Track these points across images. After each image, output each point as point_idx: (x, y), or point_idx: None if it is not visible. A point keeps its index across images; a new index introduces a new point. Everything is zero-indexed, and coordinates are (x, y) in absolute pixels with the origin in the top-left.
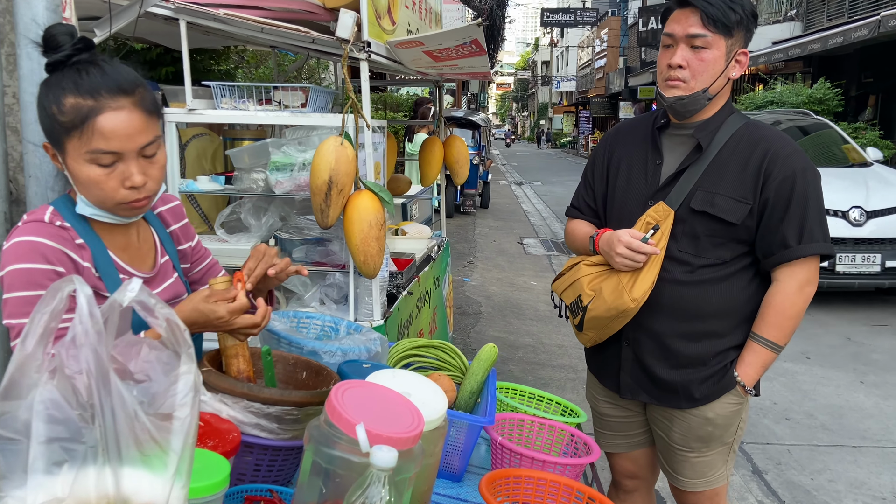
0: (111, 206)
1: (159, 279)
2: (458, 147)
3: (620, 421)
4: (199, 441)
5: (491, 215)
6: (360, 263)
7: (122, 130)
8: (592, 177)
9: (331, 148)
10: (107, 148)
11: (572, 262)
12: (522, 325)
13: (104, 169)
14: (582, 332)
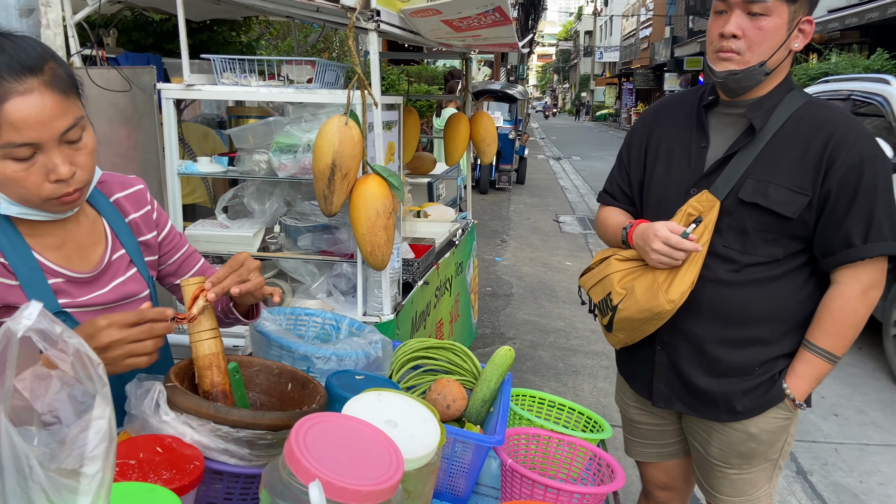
0: (38, 203)
1: (107, 278)
2: (486, 124)
3: (653, 429)
4: (153, 472)
5: (527, 191)
6: (366, 254)
7: (35, 117)
8: (628, 160)
9: (334, 129)
10: (20, 140)
11: (602, 255)
12: (555, 308)
13: (22, 163)
14: (611, 333)
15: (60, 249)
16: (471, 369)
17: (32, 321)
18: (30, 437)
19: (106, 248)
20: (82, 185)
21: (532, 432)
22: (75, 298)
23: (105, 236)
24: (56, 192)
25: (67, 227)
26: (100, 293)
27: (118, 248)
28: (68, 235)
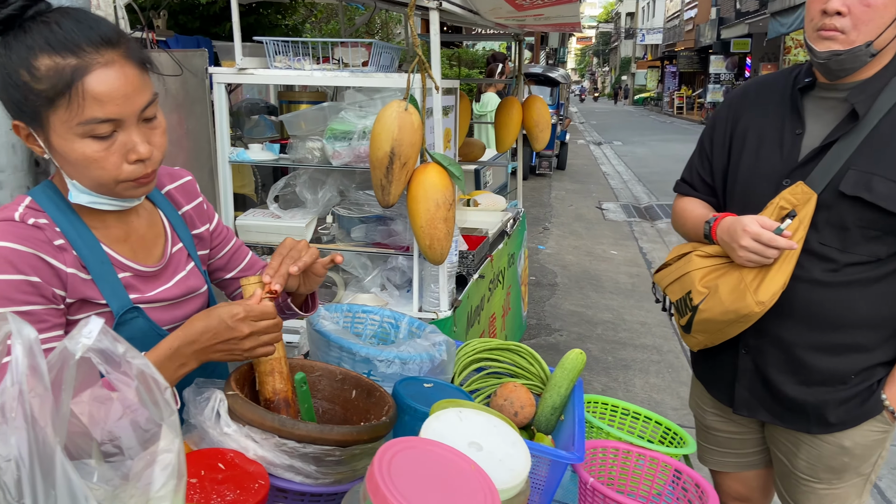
0: (113, 187)
1: (170, 272)
2: (539, 109)
3: (731, 437)
4: (216, 492)
5: (568, 177)
6: (425, 248)
7: (119, 90)
8: (710, 146)
9: (393, 114)
10: (103, 115)
11: (681, 250)
12: (601, 299)
13: (102, 142)
14: (689, 335)
15: (126, 242)
16: (538, 373)
17: (93, 340)
18: (89, 473)
19: (166, 241)
20: (157, 166)
21: (609, 445)
22: (143, 294)
23: (164, 229)
24: (135, 174)
25: (130, 219)
26: (165, 287)
27: (177, 242)
28: (131, 228)
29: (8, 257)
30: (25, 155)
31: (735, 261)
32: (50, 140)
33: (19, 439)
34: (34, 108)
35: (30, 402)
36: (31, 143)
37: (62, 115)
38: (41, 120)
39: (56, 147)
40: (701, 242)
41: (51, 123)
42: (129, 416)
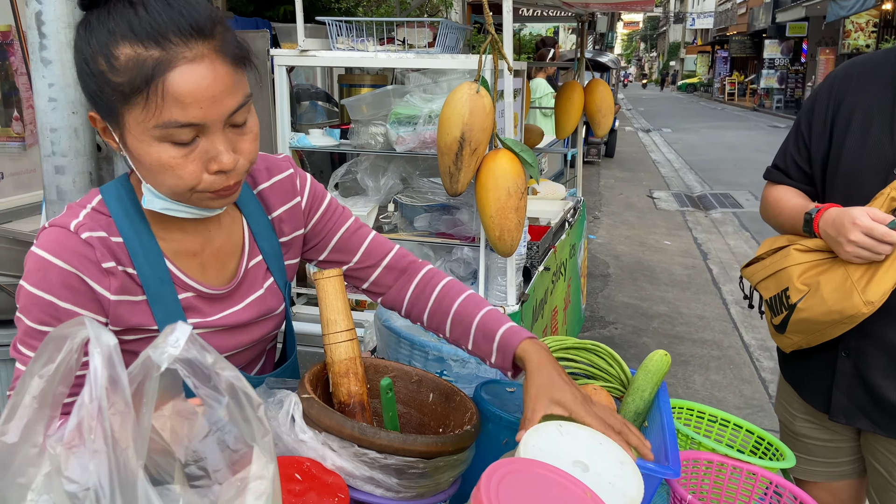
0: (189, 196)
1: (242, 292)
2: (602, 93)
3: (823, 445)
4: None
5: (617, 165)
6: (494, 239)
7: (205, 91)
8: (808, 131)
9: (464, 97)
10: (185, 119)
11: (774, 243)
12: (656, 291)
13: (181, 148)
14: (783, 336)
15: (196, 257)
16: (618, 375)
17: (180, 349)
18: (173, 501)
19: (242, 254)
20: (242, 176)
21: (702, 457)
22: (206, 317)
23: (242, 239)
24: (214, 185)
25: (208, 227)
26: (233, 311)
27: (255, 254)
28: (207, 239)
29: (46, 270)
30: (87, 139)
31: (840, 256)
32: (124, 139)
33: (99, 465)
34: (109, 102)
35: (110, 420)
36: (108, 138)
37: (138, 114)
38: (116, 116)
39: (130, 147)
40: (797, 235)
41: (126, 122)
42: (215, 434)
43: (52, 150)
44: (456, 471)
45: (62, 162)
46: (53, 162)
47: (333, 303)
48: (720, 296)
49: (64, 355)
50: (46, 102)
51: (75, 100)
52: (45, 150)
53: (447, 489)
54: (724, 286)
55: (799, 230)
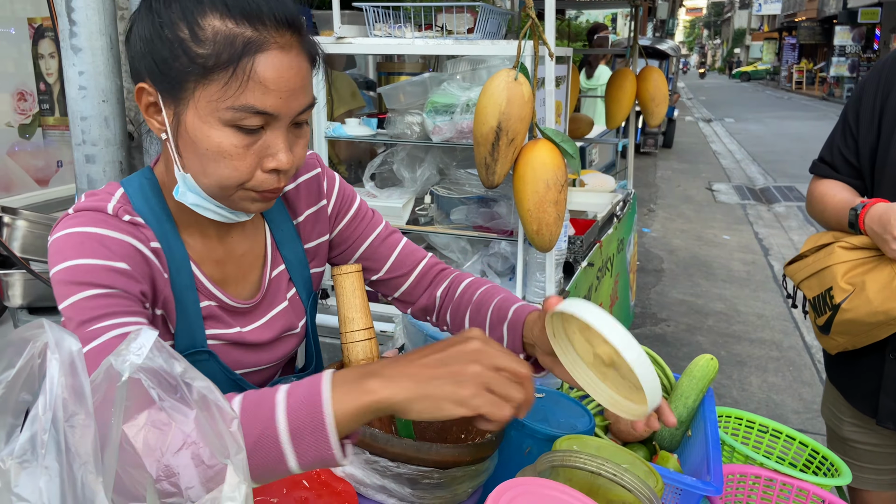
0: (232, 193)
1: (264, 306)
2: (656, 81)
3: (872, 451)
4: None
5: (675, 156)
6: (531, 233)
7: (287, 83)
8: (856, 122)
9: (501, 84)
10: (262, 106)
11: (819, 240)
12: (712, 287)
13: (245, 138)
14: (828, 337)
15: (219, 265)
16: (661, 380)
17: (143, 358)
18: None
19: (265, 264)
20: (289, 181)
21: (749, 472)
22: (226, 329)
23: (265, 247)
24: (264, 184)
25: (231, 233)
26: (255, 327)
27: (278, 263)
28: (229, 247)
29: (100, 240)
30: (118, 128)
31: (887, 254)
32: (182, 117)
33: (50, 482)
34: (181, 73)
35: (65, 433)
36: (150, 116)
37: (213, 91)
38: (182, 90)
39: (188, 127)
40: (843, 232)
41: (194, 97)
42: (190, 448)
43: (82, 138)
44: (475, 481)
45: (92, 151)
46: (84, 151)
47: (351, 300)
48: (781, 294)
49: (24, 360)
50: (77, 91)
51: (106, 88)
52: (75, 138)
53: (465, 500)
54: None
55: (844, 226)
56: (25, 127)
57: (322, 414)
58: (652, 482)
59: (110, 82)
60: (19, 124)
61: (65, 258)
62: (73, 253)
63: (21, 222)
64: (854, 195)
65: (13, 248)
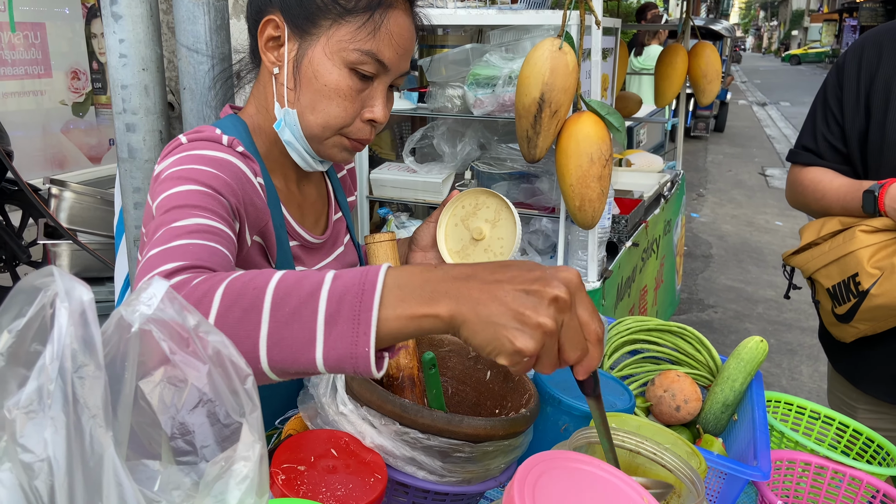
0: (327, 137)
1: (329, 245)
2: (709, 58)
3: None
4: (325, 484)
5: (726, 140)
6: (574, 209)
7: (405, 42)
8: (839, 108)
9: (545, 54)
10: (382, 57)
11: (825, 227)
12: (763, 274)
13: (359, 83)
14: (847, 325)
15: (300, 207)
16: (705, 361)
17: (153, 308)
18: (149, 479)
19: (329, 208)
20: (373, 138)
21: (798, 458)
22: (308, 267)
23: (328, 194)
24: (358, 133)
25: (306, 180)
26: (326, 262)
27: (337, 210)
28: (305, 191)
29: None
30: (158, 97)
31: None
32: (306, 51)
33: (56, 434)
34: (320, 9)
35: (73, 383)
36: (270, 49)
37: (346, 32)
38: (316, 25)
39: (312, 61)
40: (851, 217)
41: (326, 34)
42: (206, 406)
43: (122, 107)
44: (508, 457)
45: (133, 119)
46: (124, 119)
47: None
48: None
49: (36, 309)
50: (117, 59)
51: (146, 56)
52: (116, 107)
53: (498, 476)
54: None
55: (852, 211)
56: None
57: (371, 303)
58: (695, 463)
59: (150, 50)
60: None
61: (179, 165)
62: (189, 161)
63: (68, 194)
64: (850, 180)
65: (60, 219)
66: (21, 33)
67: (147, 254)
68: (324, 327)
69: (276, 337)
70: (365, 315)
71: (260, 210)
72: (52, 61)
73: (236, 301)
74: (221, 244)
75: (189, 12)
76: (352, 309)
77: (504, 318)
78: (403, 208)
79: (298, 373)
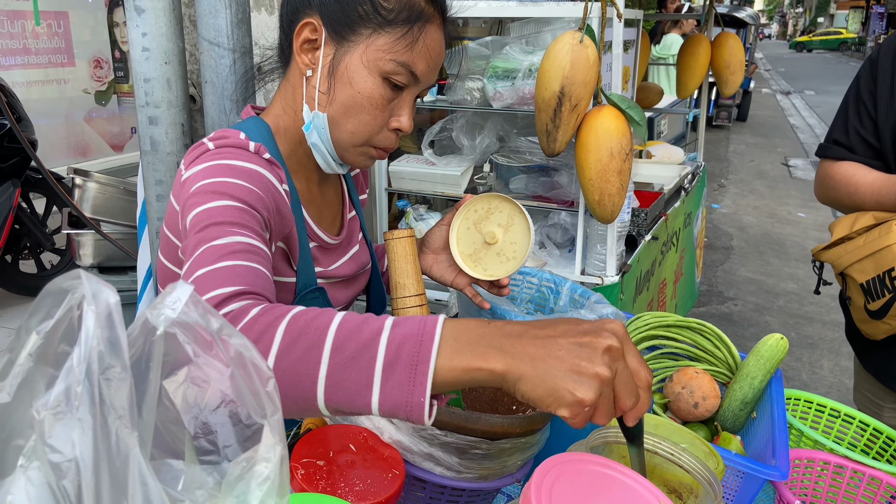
0: (354, 145)
1: (344, 244)
2: (732, 48)
3: None
4: (343, 479)
5: (749, 130)
6: (593, 204)
7: (437, 57)
8: (872, 102)
9: (565, 47)
10: (415, 69)
11: (858, 221)
12: (784, 267)
13: (391, 92)
14: (880, 321)
15: (319, 208)
16: (724, 358)
17: (178, 312)
18: (173, 478)
19: (344, 207)
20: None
21: (817, 457)
22: (326, 267)
23: (343, 195)
24: (384, 142)
25: (325, 180)
26: (342, 262)
27: (351, 209)
28: (323, 190)
29: (245, 171)
30: (180, 90)
31: None
32: (343, 57)
33: (83, 435)
34: (361, 17)
35: (100, 385)
36: (305, 51)
37: (384, 42)
38: (355, 32)
39: (349, 68)
40: (886, 212)
41: (365, 42)
42: (229, 407)
43: (145, 100)
44: (525, 454)
45: (155, 113)
46: (147, 112)
47: (403, 265)
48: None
49: (63, 311)
50: (140, 52)
51: (168, 50)
52: (139, 100)
53: (515, 473)
54: None
55: (888, 206)
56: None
57: (428, 354)
58: (712, 464)
59: (172, 44)
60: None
61: (210, 177)
62: (220, 173)
63: (92, 184)
64: (883, 175)
65: (84, 209)
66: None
67: (193, 273)
68: (381, 374)
69: (334, 378)
70: (423, 367)
71: (285, 217)
72: (76, 50)
73: (297, 340)
74: (262, 264)
75: (210, 6)
76: (410, 358)
77: (562, 371)
78: (422, 200)
79: (352, 413)
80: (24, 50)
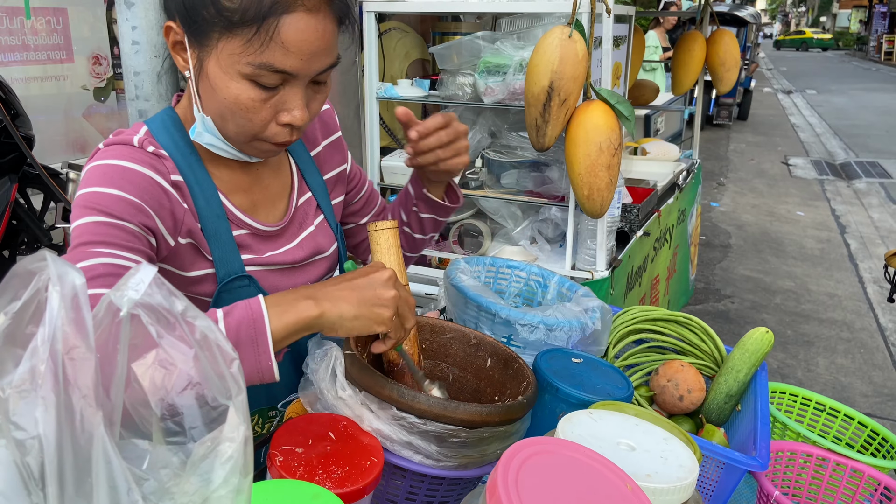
0: (245, 140)
1: (293, 229)
2: (727, 45)
3: None
4: (322, 466)
5: (749, 128)
6: (582, 198)
7: (310, 46)
8: None
9: (554, 42)
10: (281, 66)
11: None
12: (782, 265)
13: (262, 92)
14: None
15: (247, 194)
16: (710, 352)
17: (141, 293)
18: (138, 458)
19: (292, 191)
20: (302, 133)
21: (800, 450)
22: (260, 254)
23: (291, 176)
24: (278, 137)
25: (256, 166)
26: (286, 249)
27: (304, 191)
28: (255, 177)
29: (121, 172)
30: (169, 84)
31: None
32: (204, 62)
33: (46, 413)
34: (207, 22)
35: (64, 364)
36: (177, 53)
37: (235, 46)
38: (207, 37)
39: (209, 74)
40: None
41: (216, 48)
42: (195, 389)
43: (135, 93)
44: (505, 443)
45: (145, 106)
46: (137, 106)
47: (386, 256)
48: (856, 273)
49: (31, 293)
50: (130, 45)
51: (157, 43)
52: (129, 93)
53: (494, 461)
54: (861, 262)
55: None
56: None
57: (263, 327)
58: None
59: (162, 37)
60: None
61: (87, 185)
62: (95, 181)
63: None
64: None
65: None
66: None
67: None
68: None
69: None
70: (262, 338)
71: (177, 212)
72: (74, 46)
73: None
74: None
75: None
76: (248, 336)
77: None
78: None
79: None
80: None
